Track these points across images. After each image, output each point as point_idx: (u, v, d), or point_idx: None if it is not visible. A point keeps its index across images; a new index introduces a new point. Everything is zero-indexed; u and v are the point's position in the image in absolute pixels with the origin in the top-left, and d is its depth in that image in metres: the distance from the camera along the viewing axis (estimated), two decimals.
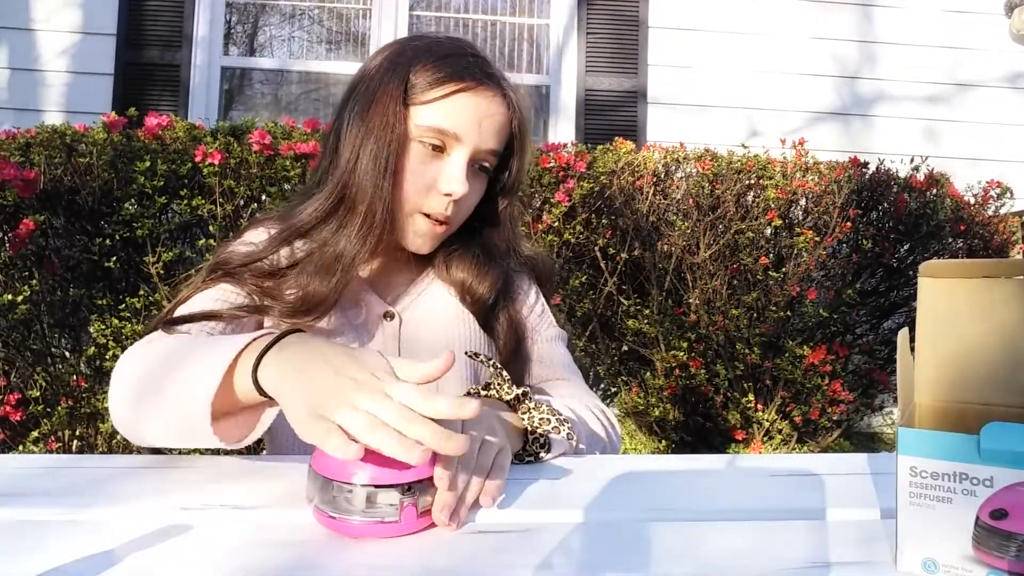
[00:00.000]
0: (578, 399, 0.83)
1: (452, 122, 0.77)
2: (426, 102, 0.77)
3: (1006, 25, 3.60)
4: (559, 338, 0.95)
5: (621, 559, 0.46)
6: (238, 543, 0.48)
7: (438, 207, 0.79)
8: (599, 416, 0.83)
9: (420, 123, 0.77)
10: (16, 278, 1.96)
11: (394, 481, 0.48)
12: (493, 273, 0.87)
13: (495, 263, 0.88)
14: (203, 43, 3.28)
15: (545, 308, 0.96)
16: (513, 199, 0.89)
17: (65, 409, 1.98)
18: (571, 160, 2.29)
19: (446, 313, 0.87)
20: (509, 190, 0.88)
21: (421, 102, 0.78)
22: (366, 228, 0.77)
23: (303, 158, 2.01)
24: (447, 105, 0.77)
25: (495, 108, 0.80)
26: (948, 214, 2.56)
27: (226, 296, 0.78)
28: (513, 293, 0.92)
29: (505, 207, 0.88)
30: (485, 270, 0.86)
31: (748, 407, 2.39)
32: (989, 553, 0.40)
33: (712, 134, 3.30)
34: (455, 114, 0.77)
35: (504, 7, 3.60)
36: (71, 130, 2.05)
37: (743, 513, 0.56)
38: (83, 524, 0.51)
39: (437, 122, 0.77)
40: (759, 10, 3.49)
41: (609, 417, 0.85)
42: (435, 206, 0.79)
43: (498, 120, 0.80)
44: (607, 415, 0.85)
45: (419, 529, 0.49)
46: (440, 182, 0.78)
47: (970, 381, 0.51)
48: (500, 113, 0.80)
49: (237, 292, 0.79)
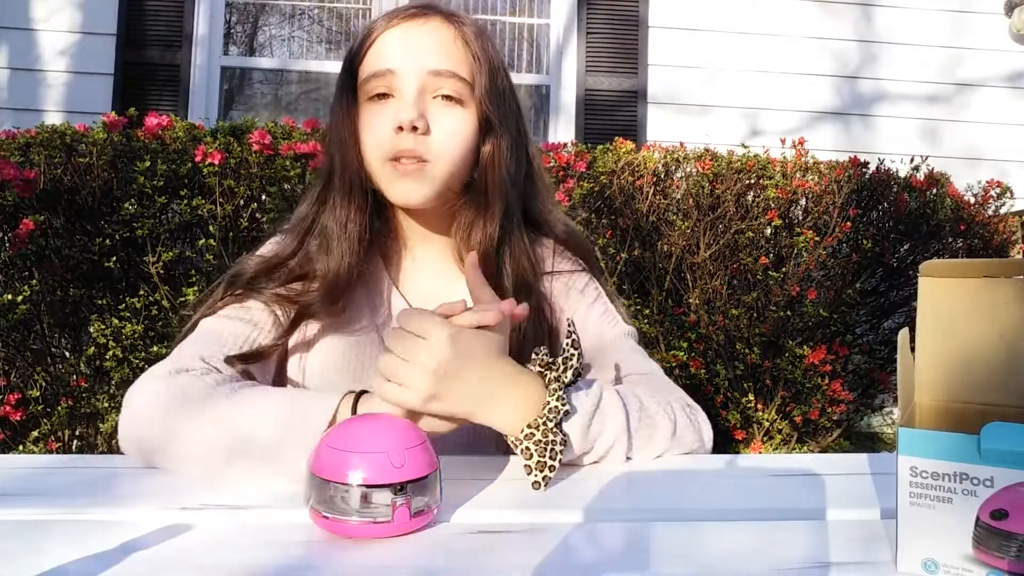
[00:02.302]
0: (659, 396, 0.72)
1: (382, 60, 0.76)
2: (362, 59, 0.78)
3: (1006, 25, 3.60)
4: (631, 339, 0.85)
5: (621, 559, 0.46)
6: (238, 543, 0.48)
7: (401, 144, 0.74)
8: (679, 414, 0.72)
9: (361, 79, 0.78)
10: (16, 278, 1.96)
11: (388, 481, 0.48)
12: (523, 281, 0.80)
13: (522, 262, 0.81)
14: (203, 43, 3.28)
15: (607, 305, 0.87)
16: (499, 140, 0.79)
17: (65, 409, 1.98)
18: (571, 160, 2.29)
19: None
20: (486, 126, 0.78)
21: (359, 63, 0.78)
22: (346, 194, 0.79)
23: (303, 158, 2.01)
24: (376, 48, 0.77)
25: (428, 30, 0.76)
26: (948, 214, 2.56)
27: (251, 315, 0.77)
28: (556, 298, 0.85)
29: (491, 148, 0.79)
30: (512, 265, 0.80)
31: (748, 407, 2.39)
32: (989, 553, 0.40)
33: (712, 134, 3.30)
34: (383, 51, 0.76)
35: (504, 7, 3.60)
36: (71, 130, 2.05)
37: (743, 513, 0.56)
38: (83, 524, 0.51)
39: (371, 68, 0.77)
40: (759, 10, 3.49)
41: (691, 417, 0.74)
42: (396, 144, 0.75)
43: (436, 38, 0.76)
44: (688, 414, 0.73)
45: (412, 530, 0.49)
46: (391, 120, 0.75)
47: (970, 381, 0.51)
48: (436, 30, 0.76)
49: (261, 308, 0.78)
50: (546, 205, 0.88)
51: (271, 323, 0.78)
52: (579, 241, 0.89)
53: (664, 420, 0.69)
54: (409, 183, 0.76)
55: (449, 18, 0.78)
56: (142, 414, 0.65)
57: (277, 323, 0.78)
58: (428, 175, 0.76)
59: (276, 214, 1.99)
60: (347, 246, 0.78)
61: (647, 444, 0.68)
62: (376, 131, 0.76)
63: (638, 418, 0.67)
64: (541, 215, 0.87)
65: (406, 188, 0.76)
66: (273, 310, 0.78)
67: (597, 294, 0.87)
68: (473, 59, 0.77)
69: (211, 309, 0.78)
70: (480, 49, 0.77)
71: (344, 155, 0.79)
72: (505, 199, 0.80)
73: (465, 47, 0.77)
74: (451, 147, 0.76)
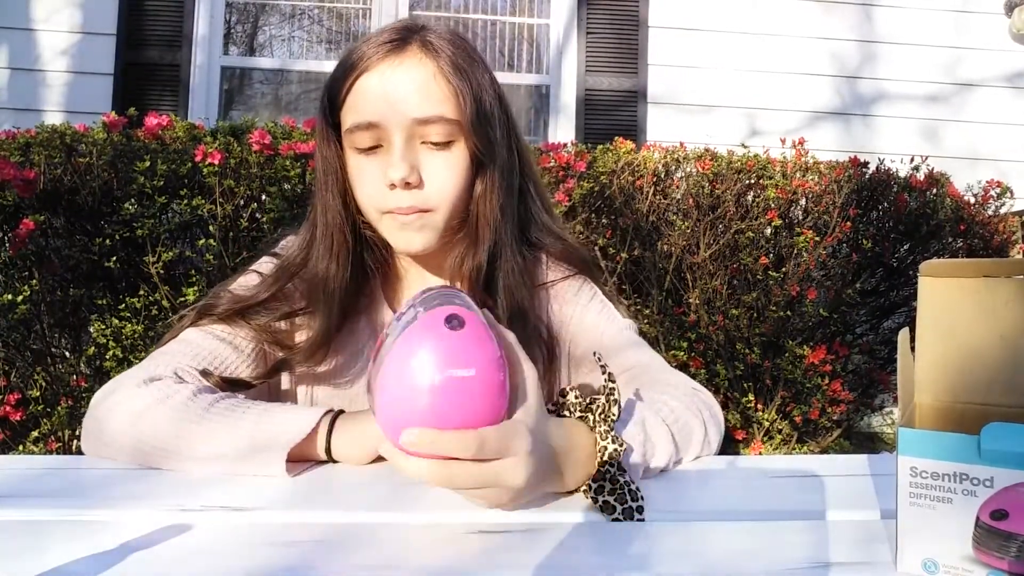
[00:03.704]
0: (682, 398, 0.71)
1: (364, 111, 0.72)
2: (339, 107, 0.75)
3: (1006, 25, 3.60)
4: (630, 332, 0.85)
5: (620, 559, 0.46)
6: (238, 543, 0.48)
7: (396, 201, 0.73)
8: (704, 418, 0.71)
9: (345, 129, 0.75)
10: (16, 278, 1.96)
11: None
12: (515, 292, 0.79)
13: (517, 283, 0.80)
14: (203, 43, 3.28)
15: (604, 303, 0.86)
16: (490, 174, 0.76)
17: (65, 409, 1.97)
18: (571, 160, 2.29)
19: None
20: (478, 161, 0.76)
21: (338, 109, 0.75)
22: (330, 247, 0.78)
23: (303, 158, 2.01)
24: (352, 98, 0.73)
25: (405, 71, 0.72)
26: (948, 214, 2.56)
27: (235, 341, 0.77)
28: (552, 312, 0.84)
29: (483, 185, 0.76)
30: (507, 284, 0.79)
31: (748, 407, 2.39)
32: (989, 554, 0.40)
33: (712, 134, 3.30)
34: (364, 101, 0.72)
35: (504, 7, 3.60)
36: (71, 130, 2.05)
37: (743, 513, 0.56)
38: (83, 524, 0.51)
39: (353, 119, 0.73)
40: (759, 10, 3.49)
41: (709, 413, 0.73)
42: (390, 201, 0.73)
43: (416, 82, 0.72)
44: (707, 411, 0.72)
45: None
46: (383, 177, 0.73)
47: (970, 381, 0.51)
48: (415, 73, 0.72)
49: (247, 336, 0.77)
50: (540, 220, 0.86)
51: (254, 355, 0.78)
52: (573, 255, 0.87)
53: (698, 426, 0.69)
54: (410, 233, 0.75)
55: (426, 49, 0.73)
56: (120, 431, 0.65)
57: (260, 357, 0.78)
58: (429, 223, 0.75)
59: (276, 214, 1.99)
60: (327, 308, 0.77)
61: (686, 454, 0.68)
62: (368, 187, 0.74)
63: (678, 429, 0.66)
64: (535, 234, 0.85)
65: (407, 238, 0.75)
66: (260, 342, 0.78)
67: (592, 293, 0.86)
68: (457, 95, 0.73)
69: (174, 334, 0.77)
70: (461, 83, 0.73)
71: (325, 205, 0.78)
72: (496, 230, 0.78)
73: (447, 83, 0.73)
74: (447, 193, 0.74)
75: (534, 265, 0.85)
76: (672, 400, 0.69)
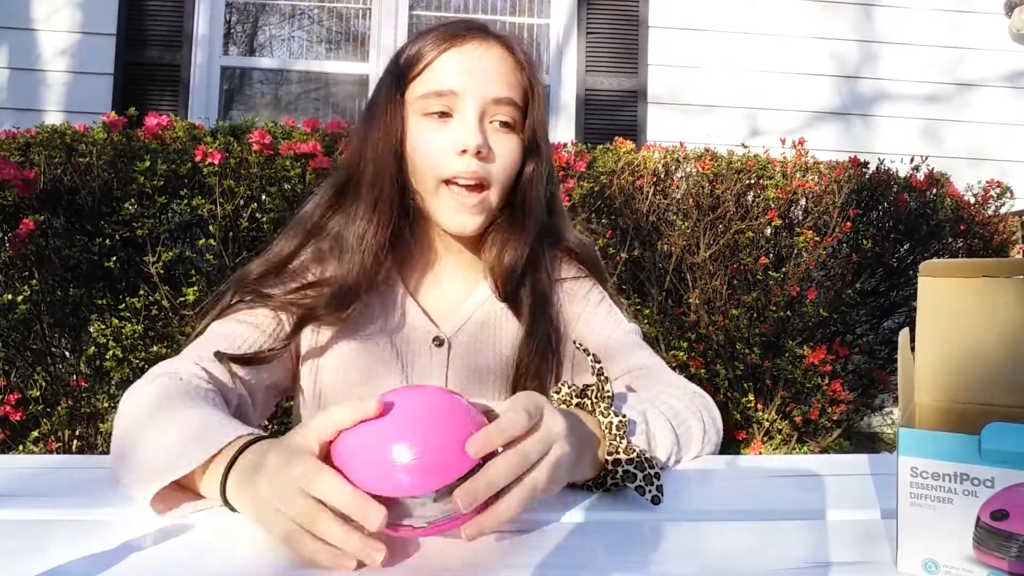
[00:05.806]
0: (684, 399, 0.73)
1: (445, 79, 0.76)
2: (417, 75, 0.78)
3: (1006, 25, 3.60)
4: (635, 335, 0.87)
5: (621, 559, 0.46)
6: (238, 543, 0.48)
7: (460, 166, 0.75)
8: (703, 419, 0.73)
9: (417, 95, 0.77)
10: (16, 278, 1.96)
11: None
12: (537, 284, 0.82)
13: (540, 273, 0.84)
14: (203, 43, 3.28)
15: (611, 306, 0.89)
16: (539, 163, 0.82)
17: (65, 409, 1.97)
18: (571, 160, 2.29)
19: (496, 338, 0.83)
20: (530, 149, 0.81)
21: (413, 78, 0.78)
22: (371, 207, 0.78)
23: (303, 158, 2.01)
24: (436, 66, 0.77)
25: (489, 54, 0.78)
26: (948, 214, 2.56)
27: (257, 320, 0.77)
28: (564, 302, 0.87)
29: (532, 170, 0.81)
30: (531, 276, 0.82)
31: (748, 407, 2.39)
32: (990, 554, 0.40)
33: (712, 134, 3.30)
34: (445, 71, 0.76)
35: (504, 7, 3.60)
36: (71, 130, 2.05)
37: (743, 513, 0.56)
38: (83, 524, 0.51)
39: (430, 86, 0.76)
40: (759, 10, 3.49)
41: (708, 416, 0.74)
42: (457, 166, 0.75)
43: (498, 66, 0.78)
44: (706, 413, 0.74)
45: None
46: (453, 142, 0.75)
47: (971, 381, 0.51)
48: (498, 58, 0.78)
49: (268, 315, 0.78)
50: (563, 216, 0.90)
51: (277, 330, 0.78)
52: (587, 252, 0.91)
53: (697, 426, 0.71)
54: (466, 215, 0.77)
55: (506, 44, 0.79)
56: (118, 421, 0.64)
57: (283, 330, 0.78)
58: (486, 206, 0.78)
59: (276, 214, 1.99)
60: (359, 259, 0.77)
61: (687, 452, 0.69)
62: (434, 150, 0.76)
63: (678, 424, 0.68)
64: (558, 227, 0.89)
65: (462, 220, 0.78)
66: (280, 317, 0.78)
67: (601, 297, 0.89)
68: (529, 87, 0.80)
69: (221, 314, 0.78)
70: (533, 75, 0.80)
71: (380, 168, 0.78)
72: (538, 219, 0.82)
73: (523, 76, 0.79)
74: (507, 174, 0.79)
75: (551, 260, 0.88)
76: (672, 399, 0.71)
